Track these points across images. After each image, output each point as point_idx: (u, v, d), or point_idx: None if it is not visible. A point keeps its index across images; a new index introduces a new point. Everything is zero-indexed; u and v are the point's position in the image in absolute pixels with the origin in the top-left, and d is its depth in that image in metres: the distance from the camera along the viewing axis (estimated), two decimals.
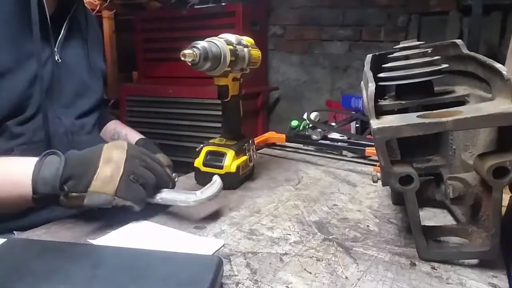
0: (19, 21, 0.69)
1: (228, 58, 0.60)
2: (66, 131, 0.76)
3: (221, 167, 0.69)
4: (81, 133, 0.80)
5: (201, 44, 0.56)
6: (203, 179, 0.72)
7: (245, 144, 0.73)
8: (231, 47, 0.62)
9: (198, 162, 0.71)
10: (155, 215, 0.58)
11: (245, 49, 0.67)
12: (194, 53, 0.55)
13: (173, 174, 0.65)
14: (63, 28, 0.77)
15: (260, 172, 0.81)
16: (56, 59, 0.75)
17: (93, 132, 0.86)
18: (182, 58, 0.55)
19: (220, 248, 0.49)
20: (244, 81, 0.74)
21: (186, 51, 0.55)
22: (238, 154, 0.70)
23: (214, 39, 0.60)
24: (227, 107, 0.72)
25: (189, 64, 0.56)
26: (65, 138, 0.76)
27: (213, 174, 0.69)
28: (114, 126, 0.99)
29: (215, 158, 0.70)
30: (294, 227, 0.55)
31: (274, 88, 2.67)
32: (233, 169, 0.69)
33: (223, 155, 0.70)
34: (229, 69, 0.63)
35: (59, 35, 0.77)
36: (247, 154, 0.73)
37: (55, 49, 0.75)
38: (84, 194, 0.51)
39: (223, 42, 0.60)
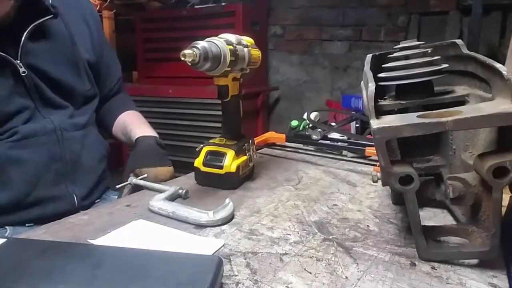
0: None
1: (228, 58, 0.60)
2: (55, 128, 0.76)
3: (221, 167, 0.69)
4: (73, 129, 0.80)
5: (201, 44, 0.56)
6: (203, 179, 0.72)
7: (245, 144, 0.73)
8: (231, 47, 0.62)
9: (198, 162, 0.71)
10: (155, 215, 0.58)
11: (245, 49, 0.67)
12: (194, 53, 0.55)
13: (173, 187, 0.65)
14: (22, 39, 0.72)
15: (260, 172, 0.81)
16: (21, 72, 0.72)
17: (86, 127, 0.85)
18: (182, 58, 0.55)
19: (220, 248, 0.49)
20: (244, 81, 0.74)
21: (186, 51, 0.55)
22: (238, 154, 0.70)
23: (214, 39, 0.60)
24: (227, 107, 0.72)
25: (189, 64, 0.55)
26: (54, 135, 0.76)
27: (213, 174, 0.70)
28: (124, 118, 0.97)
29: (215, 158, 0.70)
30: (294, 227, 0.55)
31: (274, 88, 2.67)
32: (233, 169, 0.69)
33: (223, 155, 0.70)
34: (229, 69, 0.63)
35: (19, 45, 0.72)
36: (247, 154, 0.73)
37: (18, 61, 0.71)
38: None
39: (223, 42, 0.60)
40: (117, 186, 0.70)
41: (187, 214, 0.56)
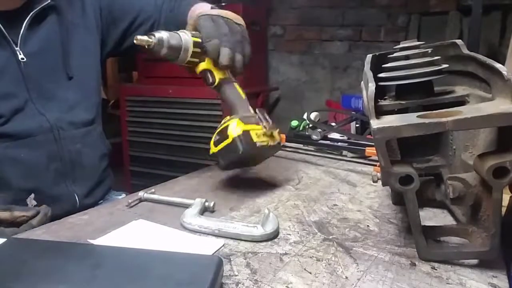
0: None
1: (191, 50, 0.65)
2: (51, 127, 0.75)
3: (227, 137, 0.63)
4: (71, 128, 0.79)
5: (161, 33, 0.62)
6: (221, 161, 0.65)
7: (253, 117, 0.68)
8: (196, 39, 0.66)
9: (211, 148, 0.66)
10: (155, 215, 0.58)
11: None
12: (149, 39, 0.61)
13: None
14: (23, 26, 0.73)
15: (260, 172, 0.81)
16: (20, 58, 0.73)
17: (88, 126, 0.83)
18: (134, 41, 0.62)
19: (220, 248, 0.49)
20: (244, 81, 0.73)
21: (139, 36, 0.61)
22: (246, 123, 0.64)
23: (181, 31, 0.65)
24: (223, 92, 0.69)
25: (146, 48, 0.62)
26: (50, 134, 0.75)
27: (225, 148, 0.63)
28: None
29: (222, 134, 0.64)
30: (294, 227, 0.55)
31: (274, 88, 2.67)
32: (238, 132, 0.62)
33: (227, 127, 0.64)
34: (197, 60, 0.67)
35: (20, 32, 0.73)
36: (260, 124, 0.67)
37: (17, 48, 0.72)
38: None
39: (188, 34, 0.65)
40: (130, 200, 0.64)
41: (238, 231, 0.51)
